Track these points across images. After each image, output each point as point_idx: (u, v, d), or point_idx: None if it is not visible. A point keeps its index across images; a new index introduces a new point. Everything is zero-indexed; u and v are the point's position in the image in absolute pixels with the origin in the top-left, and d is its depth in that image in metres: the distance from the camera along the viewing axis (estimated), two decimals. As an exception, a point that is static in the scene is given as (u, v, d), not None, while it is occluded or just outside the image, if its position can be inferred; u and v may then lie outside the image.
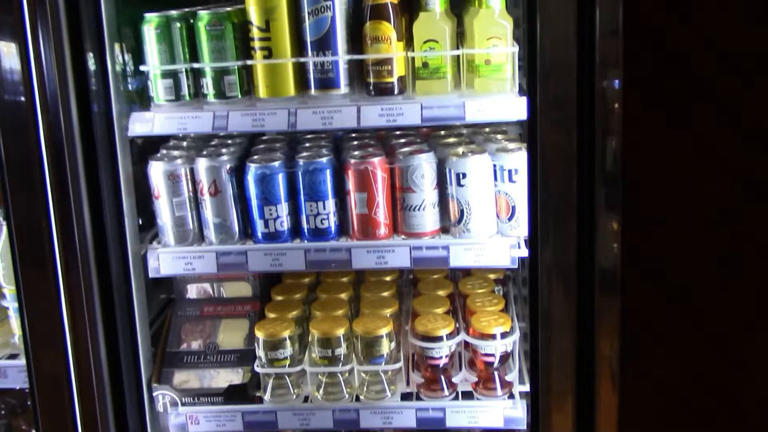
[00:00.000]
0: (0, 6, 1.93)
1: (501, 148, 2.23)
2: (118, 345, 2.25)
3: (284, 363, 2.30)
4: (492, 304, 2.37)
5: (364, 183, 2.18)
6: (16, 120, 1.99)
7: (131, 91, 2.24)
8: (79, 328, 2.16)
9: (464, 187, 2.16)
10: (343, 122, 2.13)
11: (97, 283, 2.17)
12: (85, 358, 2.18)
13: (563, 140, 1.91)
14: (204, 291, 2.62)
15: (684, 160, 1.85)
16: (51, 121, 1.97)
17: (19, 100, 1.99)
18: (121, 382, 2.27)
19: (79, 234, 2.08)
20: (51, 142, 2.00)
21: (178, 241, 2.27)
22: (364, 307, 2.40)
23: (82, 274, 2.13)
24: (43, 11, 1.94)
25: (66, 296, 2.09)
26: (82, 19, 2.01)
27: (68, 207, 2.06)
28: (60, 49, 1.97)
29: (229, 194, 2.23)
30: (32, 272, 2.08)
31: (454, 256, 2.19)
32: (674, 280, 1.93)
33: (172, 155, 2.27)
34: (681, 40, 1.78)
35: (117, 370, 2.25)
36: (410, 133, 2.48)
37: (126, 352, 2.27)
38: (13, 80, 1.98)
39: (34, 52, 1.95)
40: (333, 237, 2.25)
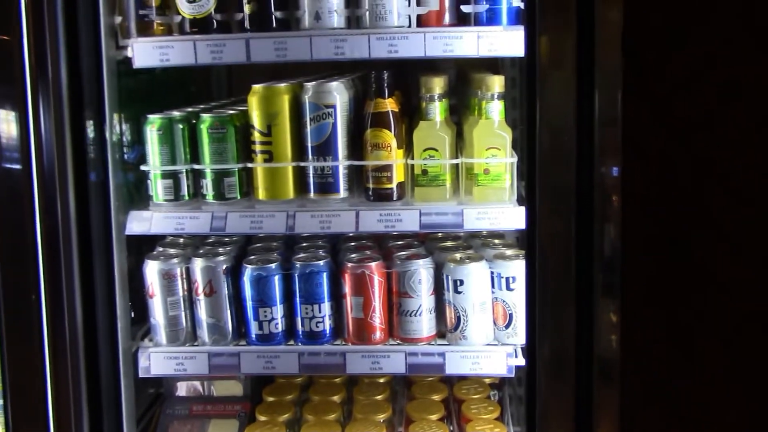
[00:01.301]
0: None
1: (499, 254, 2.23)
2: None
3: (274, 470, 2.25)
4: (488, 411, 2.34)
5: (360, 287, 2.18)
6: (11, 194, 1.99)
7: (128, 185, 2.25)
8: (63, 424, 2.10)
9: (462, 294, 2.15)
10: (342, 227, 2.14)
11: (85, 378, 2.13)
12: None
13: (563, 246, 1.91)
14: (194, 389, 2.58)
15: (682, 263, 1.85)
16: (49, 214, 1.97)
17: (16, 170, 1.97)
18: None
19: (71, 328, 2.05)
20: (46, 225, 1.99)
21: (170, 341, 2.25)
22: (357, 411, 2.36)
23: (71, 370, 2.09)
24: (45, 87, 1.96)
25: (53, 395, 2.05)
26: (84, 105, 2.03)
27: (59, 297, 2.04)
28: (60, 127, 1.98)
29: (224, 294, 2.22)
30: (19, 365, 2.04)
31: (450, 364, 2.17)
32: (671, 373, 1.90)
33: (168, 254, 2.27)
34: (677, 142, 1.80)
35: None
36: (407, 235, 2.48)
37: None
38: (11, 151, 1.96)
39: (34, 125, 1.95)
40: (328, 340, 2.22)
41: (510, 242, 2.39)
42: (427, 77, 2.12)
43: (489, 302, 2.19)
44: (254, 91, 2.14)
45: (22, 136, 1.95)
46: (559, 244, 1.94)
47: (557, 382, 1.94)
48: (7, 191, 1.96)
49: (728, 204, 1.86)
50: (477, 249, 2.33)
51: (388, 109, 2.11)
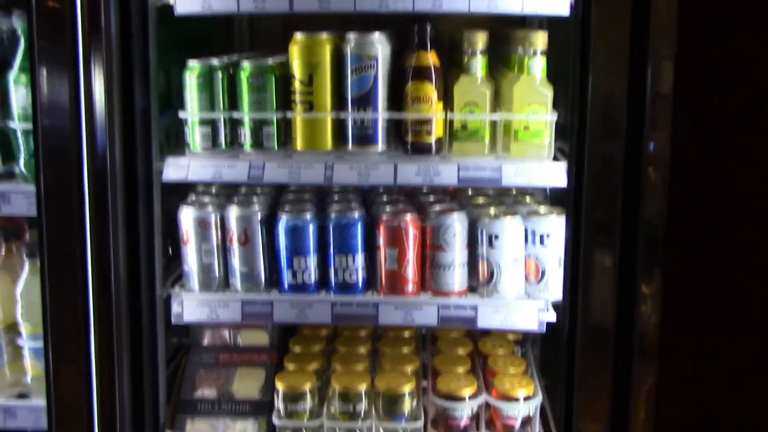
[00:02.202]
0: (54, 35, 1.94)
1: (532, 211, 2.26)
2: (143, 389, 2.22)
3: (303, 416, 2.28)
4: (514, 365, 2.38)
5: (395, 239, 2.20)
6: (60, 150, 1.99)
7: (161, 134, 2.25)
8: (105, 371, 2.13)
9: (496, 248, 2.18)
10: (380, 179, 2.15)
11: (127, 324, 2.16)
12: (109, 402, 2.15)
13: (608, 207, 1.94)
14: (220, 338, 2.61)
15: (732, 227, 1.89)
16: (96, 154, 1.98)
17: (64, 127, 1.99)
18: (142, 428, 2.24)
19: (115, 273, 2.07)
20: (94, 175, 2.00)
21: (203, 288, 2.27)
22: (385, 362, 2.39)
23: (115, 313, 2.11)
24: (97, 43, 1.96)
25: (96, 337, 2.07)
26: (133, 56, 2.03)
27: (106, 243, 2.06)
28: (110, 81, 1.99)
29: (259, 243, 2.23)
30: (62, 307, 2.06)
31: (482, 317, 2.20)
32: (713, 346, 1.95)
33: (203, 202, 2.28)
34: (733, 100, 1.83)
35: (139, 416, 2.22)
36: (438, 191, 2.50)
37: (149, 397, 2.25)
38: (62, 109, 1.98)
39: (85, 82, 1.97)
40: (360, 291, 2.25)
41: (540, 200, 2.41)
42: (470, 32, 2.13)
43: (522, 258, 2.22)
44: (296, 40, 2.13)
45: (72, 90, 1.97)
46: (605, 208, 1.98)
47: (596, 345, 1.99)
48: (57, 140, 1.97)
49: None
50: (508, 206, 2.36)
51: (431, 62, 2.12)
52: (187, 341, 2.65)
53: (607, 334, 2.00)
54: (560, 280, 2.20)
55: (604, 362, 2.01)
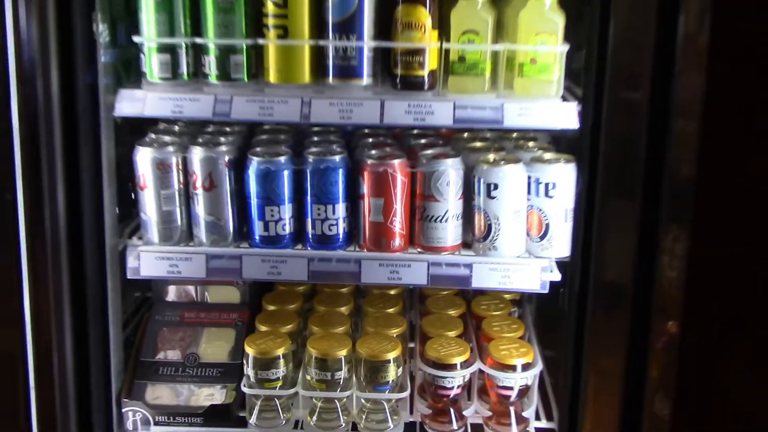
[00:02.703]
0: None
1: (537, 158, 1.99)
2: (88, 353, 1.97)
3: (276, 384, 2.04)
4: (511, 329, 2.15)
5: (381, 187, 1.94)
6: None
7: (114, 63, 1.96)
8: (43, 331, 1.88)
9: (495, 199, 1.92)
10: (364, 117, 1.88)
11: (68, 280, 1.89)
12: (47, 367, 1.90)
13: (629, 154, 1.69)
14: (186, 294, 2.35)
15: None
16: (28, 89, 1.69)
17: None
18: (89, 396, 1.99)
19: (52, 222, 1.80)
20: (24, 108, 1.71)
21: (163, 239, 2.00)
22: (368, 324, 2.15)
23: (52, 266, 1.85)
24: None
25: (31, 292, 1.81)
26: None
27: (38, 189, 1.78)
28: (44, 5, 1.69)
29: (226, 190, 1.96)
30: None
31: (477, 276, 1.96)
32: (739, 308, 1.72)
33: (162, 141, 2.00)
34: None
35: (85, 382, 1.98)
36: (429, 133, 2.23)
37: (97, 361, 1.99)
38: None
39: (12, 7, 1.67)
40: (341, 245, 2.00)
41: (545, 145, 2.14)
42: (470, -52, 1.83)
43: (523, 210, 1.96)
44: (268, -47, 1.84)
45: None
46: (626, 155, 1.72)
47: (611, 307, 1.75)
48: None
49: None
50: (509, 151, 2.09)
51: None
52: (152, 295, 2.40)
53: (624, 294, 1.76)
54: (566, 236, 1.95)
55: (620, 326, 1.77)
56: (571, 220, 1.95)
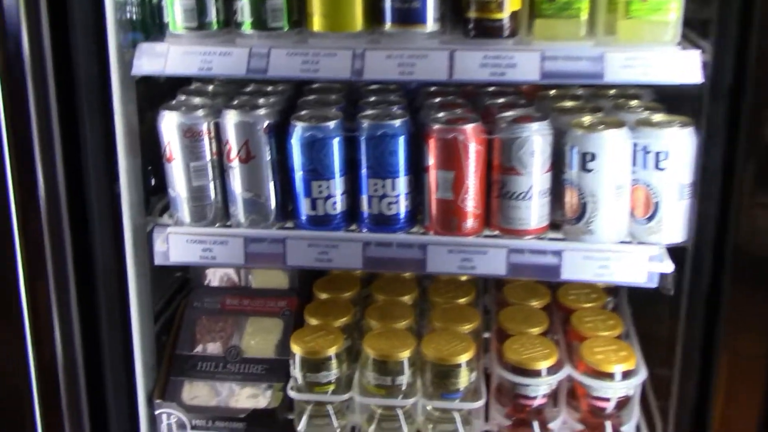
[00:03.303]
0: None
1: (644, 121, 1.61)
2: (102, 352, 1.71)
3: (327, 389, 1.75)
4: (607, 326, 1.79)
5: (451, 158, 1.59)
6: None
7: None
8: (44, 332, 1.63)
9: (592, 172, 1.55)
10: (428, 73, 1.54)
11: (73, 270, 1.63)
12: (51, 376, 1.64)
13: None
14: (227, 278, 2.07)
15: None
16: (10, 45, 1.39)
17: None
18: (105, 404, 1.74)
19: (49, 202, 1.52)
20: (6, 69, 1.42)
21: (195, 219, 1.71)
22: (436, 318, 1.83)
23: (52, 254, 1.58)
24: None
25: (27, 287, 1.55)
26: None
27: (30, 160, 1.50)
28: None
29: (266, 161, 1.65)
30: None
31: (569, 266, 1.60)
32: None
33: (191, 104, 1.69)
34: None
35: (101, 384, 1.72)
36: (508, 90, 1.87)
37: (114, 360, 1.73)
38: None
39: None
40: (402, 227, 1.67)
41: (652, 104, 1.75)
42: None
43: (627, 186, 1.59)
44: None
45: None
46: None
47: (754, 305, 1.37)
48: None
49: None
50: (608, 113, 1.71)
51: None
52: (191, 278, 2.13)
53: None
54: (680, 217, 1.58)
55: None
56: (687, 197, 1.57)
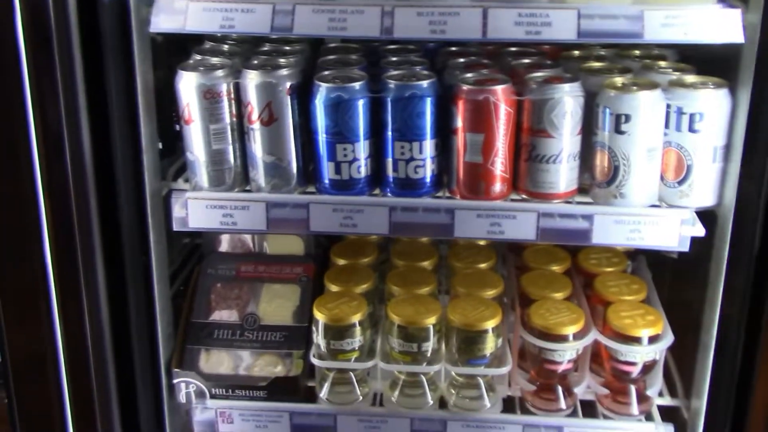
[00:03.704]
0: None
1: (677, 82, 1.58)
2: (129, 318, 1.67)
3: (351, 355, 1.72)
4: (631, 290, 1.78)
5: (481, 119, 1.55)
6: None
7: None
8: (70, 294, 1.57)
9: (625, 134, 1.52)
10: (462, 31, 1.49)
11: (99, 232, 1.57)
12: (79, 336, 1.60)
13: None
14: (242, 244, 2.03)
15: None
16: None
17: None
18: (132, 368, 1.70)
19: (74, 163, 1.46)
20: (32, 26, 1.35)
21: (214, 184, 1.66)
22: (459, 284, 1.80)
23: (78, 215, 1.52)
24: None
25: (53, 247, 1.49)
26: None
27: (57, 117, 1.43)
28: None
29: (288, 123, 1.60)
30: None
31: (600, 230, 1.58)
32: None
33: (210, 64, 1.63)
34: None
35: (127, 352, 1.68)
36: (531, 50, 1.82)
37: (139, 327, 1.70)
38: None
39: None
40: (428, 191, 1.63)
41: (682, 65, 1.72)
42: None
43: (659, 148, 1.56)
44: None
45: None
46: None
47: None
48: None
49: None
50: (638, 73, 1.68)
51: None
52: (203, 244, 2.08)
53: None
54: (712, 180, 1.56)
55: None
56: (720, 160, 1.55)
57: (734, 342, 1.53)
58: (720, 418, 1.62)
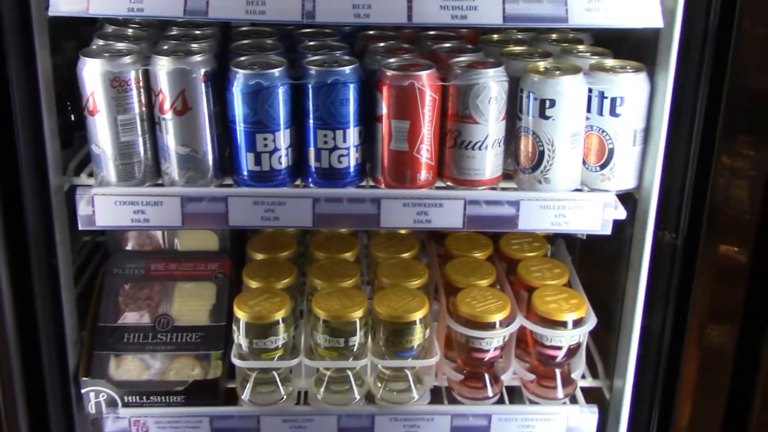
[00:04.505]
0: None
1: (598, 66, 1.61)
2: (37, 325, 1.58)
3: (275, 354, 1.68)
4: (554, 274, 1.81)
5: (406, 106, 1.53)
6: None
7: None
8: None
9: (551, 119, 1.54)
10: (386, 15, 1.46)
11: (3, 232, 1.48)
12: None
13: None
14: (150, 240, 1.94)
15: None
16: None
17: None
18: (41, 378, 1.60)
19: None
20: None
21: (123, 178, 1.57)
22: (383, 275, 1.79)
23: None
24: None
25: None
26: None
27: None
28: None
29: (204, 112, 1.53)
30: None
31: (526, 216, 1.59)
32: None
33: (116, 50, 1.54)
34: None
35: (35, 361, 1.59)
36: (451, 34, 1.82)
37: (48, 334, 1.61)
38: None
39: None
40: (353, 180, 1.60)
41: (600, 49, 1.75)
42: None
43: (582, 132, 1.59)
44: None
45: None
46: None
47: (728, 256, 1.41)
48: None
49: None
50: (558, 57, 1.70)
51: None
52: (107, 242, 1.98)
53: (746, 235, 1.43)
54: (633, 163, 1.61)
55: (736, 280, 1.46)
56: (640, 143, 1.60)
57: (660, 327, 1.59)
58: (646, 398, 1.68)
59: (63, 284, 1.61)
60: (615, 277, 1.76)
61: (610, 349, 1.80)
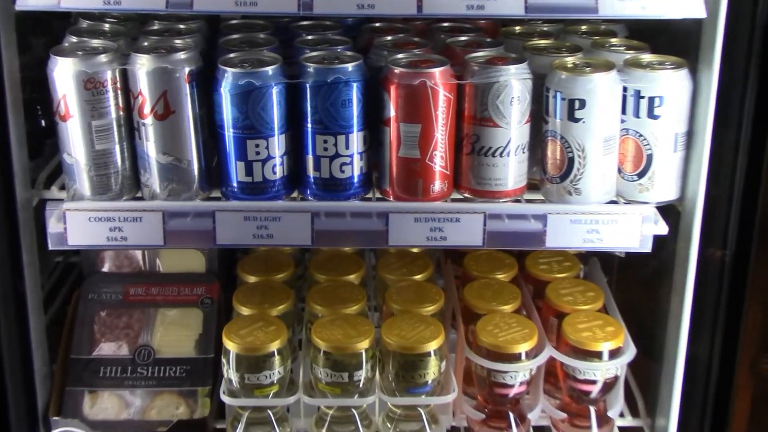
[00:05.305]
0: None
1: (633, 62, 1.63)
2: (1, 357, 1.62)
3: (269, 390, 1.70)
4: (587, 299, 1.83)
5: (417, 108, 1.56)
6: None
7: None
8: None
9: (581, 122, 1.56)
10: (394, 6, 1.51)
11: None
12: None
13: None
14: (128, 261, 1.98)
15: None
16: None
17: None
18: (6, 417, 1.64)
19: None
20: None
21: (98, 191, 1.61)
22: (393, 300, 1.81)
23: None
24: None
25: None
26: None
27: None
28: None
29: (188, 117, 1.57)
30: None
31: (554, 232, 1.61)
32: None
33: (91, 48, 1.58)
34: None
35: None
36: (467, 26, 1.85)
37: (14, 367, 1.64)
38: None
39: None
40: (357, 192, 1.63)
41: (635, 43, 1.77)
42: None
43: (617, 137, 1.61)
44: None
45: None
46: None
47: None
48: None
49: None
50: (589, 52, 1.73)
51: None
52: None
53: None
54: (675, 171, 1.63)
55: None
56: (682, 149, 1.62)
57: (707, 358, 1.60)
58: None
59: (31, 311, 1.65)
60: (656, 300, 1.78)
61: (651, 383, 1.82)
